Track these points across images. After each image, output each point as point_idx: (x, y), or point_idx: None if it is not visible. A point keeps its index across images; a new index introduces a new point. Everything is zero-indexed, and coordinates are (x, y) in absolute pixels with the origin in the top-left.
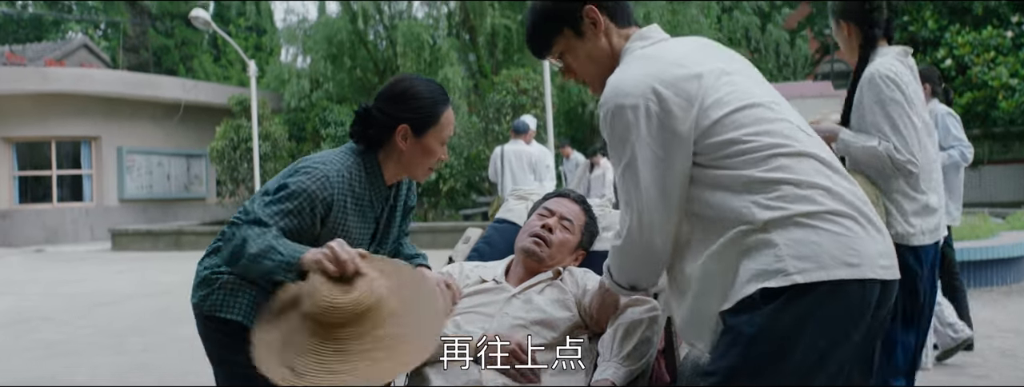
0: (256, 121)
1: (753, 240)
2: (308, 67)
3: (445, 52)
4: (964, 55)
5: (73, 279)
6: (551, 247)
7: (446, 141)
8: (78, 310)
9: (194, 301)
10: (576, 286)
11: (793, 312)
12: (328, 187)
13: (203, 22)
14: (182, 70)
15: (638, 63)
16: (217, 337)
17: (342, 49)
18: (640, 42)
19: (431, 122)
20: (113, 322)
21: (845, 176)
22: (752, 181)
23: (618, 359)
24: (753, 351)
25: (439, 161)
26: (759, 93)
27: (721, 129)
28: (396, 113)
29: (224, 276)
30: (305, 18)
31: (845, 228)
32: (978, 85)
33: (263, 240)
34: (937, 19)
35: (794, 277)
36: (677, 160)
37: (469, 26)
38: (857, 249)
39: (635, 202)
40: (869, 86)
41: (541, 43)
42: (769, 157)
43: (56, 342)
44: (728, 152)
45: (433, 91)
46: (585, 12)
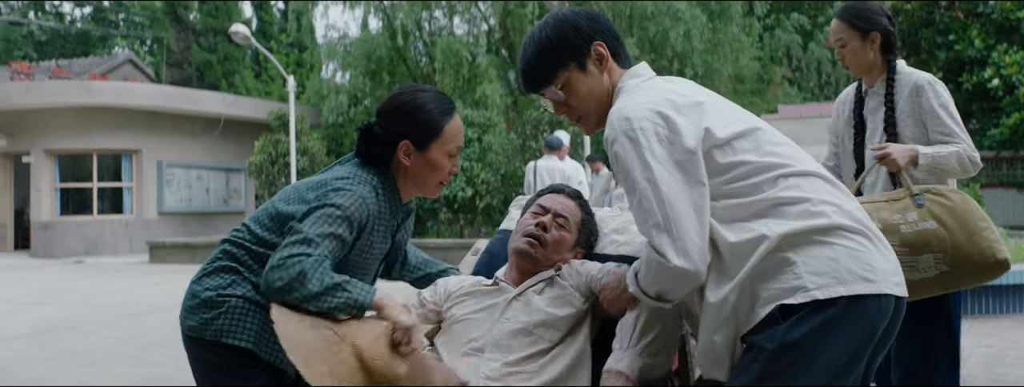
0: (294, 136)
1: (770, 261)
2: (347, 83)
3: (484, 69)
4: (1011, 74)
5: (108, 290)
6: (546, 247)
7: (455, 153)
8: (107, 320)
9: (191, 324)
10: (578, 276)
11: (811, 326)
12: (364, 209)
13: (243, 37)
14: (224, 85)
15: (638, 93)
16: (220, 364)
17: (381, 65)
18: (634, 80)
19: (433, 135)
20: (140, 334)
21: (850, 195)
22: (766, 203)
23: (636, 349)
24: (772, 367)
25: (451, 174)
26: (758, 120)
27: (727, 152)
28: (395, 128)
29: (233, 300)
30: (346, 34)
31: (858, 244)
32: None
33: (326, 277)
34: (984, 38)
35: (814, 293)
36: (698, 175)
37: (508, 43)
38: (872, 265)
39: (668, 225)
40: (925, 92)
41: (544, 76)
42: (779, 177)
43: (80, 352)
44: (735, 175)
45: (434, 102)
46: (593, 47)
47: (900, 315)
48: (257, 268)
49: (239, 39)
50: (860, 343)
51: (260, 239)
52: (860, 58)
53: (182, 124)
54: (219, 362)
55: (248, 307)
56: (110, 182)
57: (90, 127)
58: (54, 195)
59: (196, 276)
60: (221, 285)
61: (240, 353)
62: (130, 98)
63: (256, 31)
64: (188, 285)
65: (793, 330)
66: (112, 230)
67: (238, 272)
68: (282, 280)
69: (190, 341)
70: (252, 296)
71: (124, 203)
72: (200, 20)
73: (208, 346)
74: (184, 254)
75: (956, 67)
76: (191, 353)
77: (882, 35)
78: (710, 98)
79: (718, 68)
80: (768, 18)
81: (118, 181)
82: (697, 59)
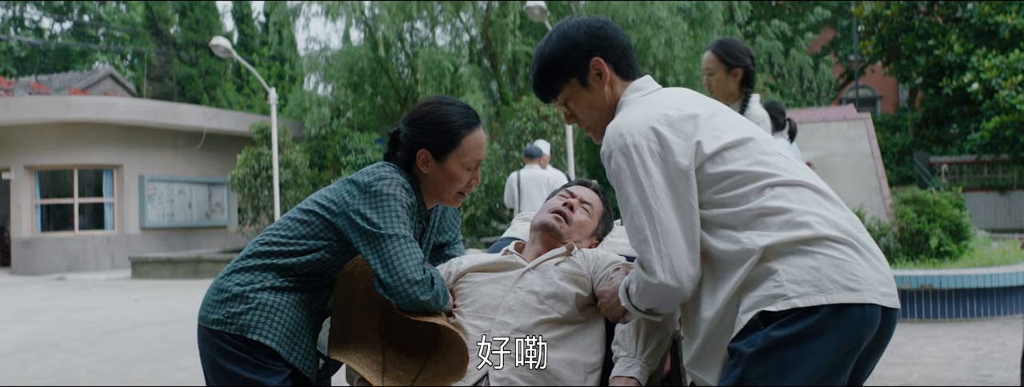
0: (276, 149)
1: (754, 271)
2: (330, 95)
3: (466, 80)
4: (991, 79)
5: (89, 307)
6: (570, 224)
7: (475, 166)
8: (89, 338)
9: (216, 317)
10: (589, 265)
11: (790, 333)
12: (409, 198)
13: (224, 50)
14: (206, 99)
15: (635, 109)
16: (240, 358)
17: (363, 77)
18: (635, 93)
19: (451, 147)
20: (123, 350)
21: (841, 206)
22: (751, 213)
23: (642, 357)
24: (753, 371)
25: (472, 185)
26: (751, 130)
27: (718, 162)
28: (416, 137)
29: (263, 295)
30: (327, 46)
31: (844, 253)
32: (1006, 109)
33: (443, 286)
34: (963, 43)
35: (794, 301)
36: (688, 195)
37: (490, 53)
38: (856, 274)
39: (657, 242)
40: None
41: (547, 90)
42: (765, 187)
43: (62, 370)
44: (724, 185)
45: (457, 114)
46: (592, 63)
47: (891, 326)
48: (292, 265)
49: (220, 52)
50: (842, 353)
51: (298, 234)
52: (723, 87)
53: (164, 138)
54: (240, 356)
55: (277, 305)
56: (91, 198)
57: (71, 142)
58: (35, 211)
59: (225, 272)
60: (252, 281)
61: (264, 350)
62: (111, 113)
63: (237, 44)
64: (213, 282)
65: (772, 336)
66: (94, 246)
67: (270, 269)
68: (422, 298)
69: (211, 334)
70: (282, 294)
71: (106, 219)
72: (181, 34)
73: (230, 339)
74: (166, 269)
75: (936, 71)
76: (210, 346)
77: (743, 71)
78: (707, 109)
79: (700, 75)
80: (749, 25)
81: (99, 196)
82: (679, 67)
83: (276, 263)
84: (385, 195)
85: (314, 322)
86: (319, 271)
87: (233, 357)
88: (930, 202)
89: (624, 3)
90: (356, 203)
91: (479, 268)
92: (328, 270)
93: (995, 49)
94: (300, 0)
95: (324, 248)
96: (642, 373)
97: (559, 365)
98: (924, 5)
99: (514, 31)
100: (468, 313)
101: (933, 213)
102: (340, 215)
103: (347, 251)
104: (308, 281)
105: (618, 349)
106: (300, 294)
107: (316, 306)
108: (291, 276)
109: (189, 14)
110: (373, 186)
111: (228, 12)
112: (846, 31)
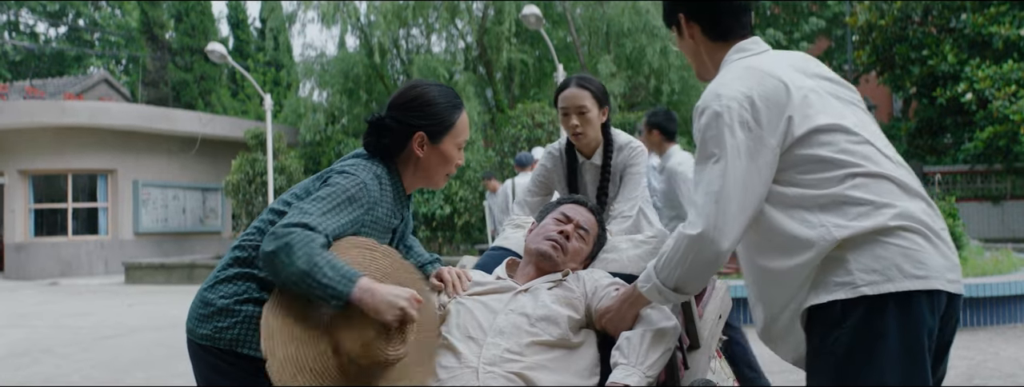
0: (271, 155)
1: (827, 257)
2: (325, 101)
3: (462, 86)
4: (985, 89)
5: (82, 312)
6: (566, 254)
7: (463, 146)
8: (82, 343)
9: (204, 332)
10: (583, 287)
11: (864, 322)
12: (365, 194)
13: (219, 56)
14: (200, 104)
15: (734, 73)
16: (231, 372)
17: (359, 83)
18: (738, 54)
19: (447, 128)
20: (116, 356)
21: (919, 196)
22: (829, 199)
23: (643, 367)
24: (833, 359)
25: (457, 165)
26: (846, 114)
27: (805, 144)
28: (411, 120)
29: (248, 307)
30: (323, 53)
31: (913, 242)
32: (999, 119)
33: (315, 255)
34: (957, 53)
35: (863, 289)
36: (764, 166)
37: (486, 61)
38: (924, 262)
39: (714, 203)
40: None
41: (667, 23)
42: (847, 176)
43: (54, 375)
44: (808, 167)
45: (447, 96)
46: (679, 17)
47: (956, 311)
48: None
49: (215, 58)
50: (912, 338)
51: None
52: (594, 126)
53: (158, 143)
54: (231, 371)
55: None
56: (85, 203)
57: (65, 147)
58: (28, 216)
59: (208, 283)
60: (237, 292)
61: (255, 363)
62: (105, 118)
63: (233, 50)
64: (198, 292)
65: (846, 325)
66: (87, 251)
67: (252, 278)
68: (271, 246)
69: (201, 349)
70: (268, 299)
71: (99, 224)
72: (176, 39)
73: (220, 355)
74: (159, 274)
75: (930, 82)
76: (201, 361)
77: (609, 110)
78: (807, 83)
79: (695, 84)
80: None
81: (93, 201)
82: (674, 75)
83: (257, 274)
84: (335, 184)
85: None
86: None
87: (226, 373)
88: None
89: (620, 11)
90: (314, 182)
91: (471, 294)
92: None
93: (989, 59)
94: (297, 0)
95: None
96: (639, 382)
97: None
98: (918, 15)
99: (509, 38)
100: (459, 334)
101: None
102: (301, 193)
103: (355, 232)
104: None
105: (618, 355)
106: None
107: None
108: (272, 286)
109: (185, 19)
110: (334, 175)
111: (224, 18)
112: (841, 41)
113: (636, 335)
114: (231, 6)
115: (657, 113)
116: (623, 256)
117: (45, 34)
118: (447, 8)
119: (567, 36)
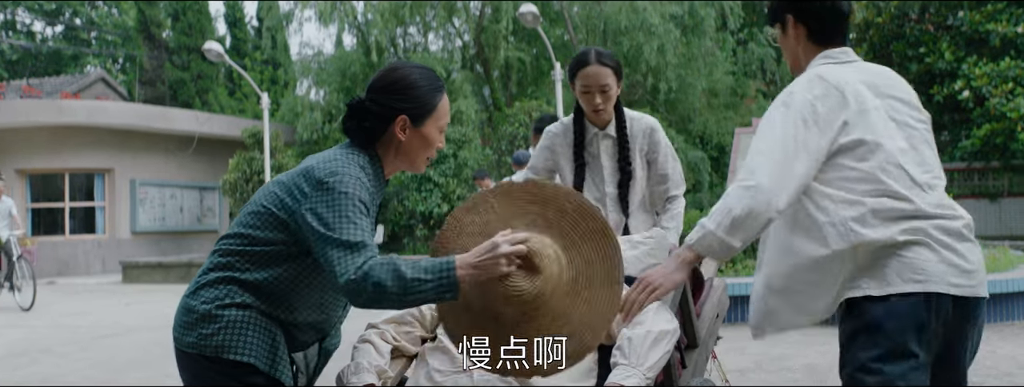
0: (268, 153)
1: (841, 260)
2: (322, 100)
3: (459, 85)
4: (982, 86)
5: (80, 311)
6: None
7: (444, 129)
8: (80, 343)
9: (190, 340)
10: None
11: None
12: (363, 188)
13: (216, 55)
14: (198, 103)
15: (808, 77)
16: (220, 380)
17: (356, 82)
18: (824, 60)
19: (429, 110)
20: (114, 355)
21: (940, 216)
22: (856, 206)
23: (644, 368)
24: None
25: (439, 149)
26: (896, 136)
27: (849, 154)
28: (393, 104)
29: (231, 312)
30: (320, 51)
31: (916, 253)
32: (996, 117)
33: (398, 276)
34: (954, 50)
35: (868, 291)
36: (817, 153)
37: (483, 59)
38: (924, 269)
39: (778, 158)
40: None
41: (772, 19)
42: (879, 194)
43: (52, 375)
44: (846, 174)
45: (428, 78)
46: (787, 17)
47: (969, 314)
48: (254, 270)
49: (212, 56)
50: (909, 333)
51: (253, 239)
52: (614, 101)
53: (155, 142)
54: (219, 378)
55: (247, 319)
56: (82, 202)
57: (61, 146)
58: (26, 215)
59: (190, 289)
60: (218, 297)
61: (243, 368)
62: (102, 117)
63: (230, 48)
64: (181, 299)
65: (850, 318)
66: (84, 250)
67: (233, 281)
68: (365, 296)
69: (187, 357)
70: (250, 302)
71: (97, 223)
72: (173, 38)
73: (207, 363)
74: (157, 274)
75: (927, 79)
76: (188, 370)
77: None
78: (865, 101)
79: (692, 82)
80: (742, 32)
81: (90, 200)
82: (671, 73)
83: (237, 277)
84: (339, 193)
85: (286, 331)
86: (281, 282)
87: (214, 380)
88: None
89: (617, 10)
90: (310, 201)
91: None
92: (291, 281)
93: (986, 57)
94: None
95: (281, 254)
96: (640, 383)
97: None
98: (915, 13)
99: (506, 37)
100: (446, 371)
101: None
102: (295, 213)
103: (301, 252)
104: (272, 291)
105: (619, 355)
106: (267, 304)
107: (285, 314)
108: (255, 289)
109: (181, 18)
110: (327, 183)
111: (221, 16)
112: None
113: (638, 336)
114: (228, 5)
115: (544, 118)
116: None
117: (42, 33)
118: (444, 7)
119: (564, 34)
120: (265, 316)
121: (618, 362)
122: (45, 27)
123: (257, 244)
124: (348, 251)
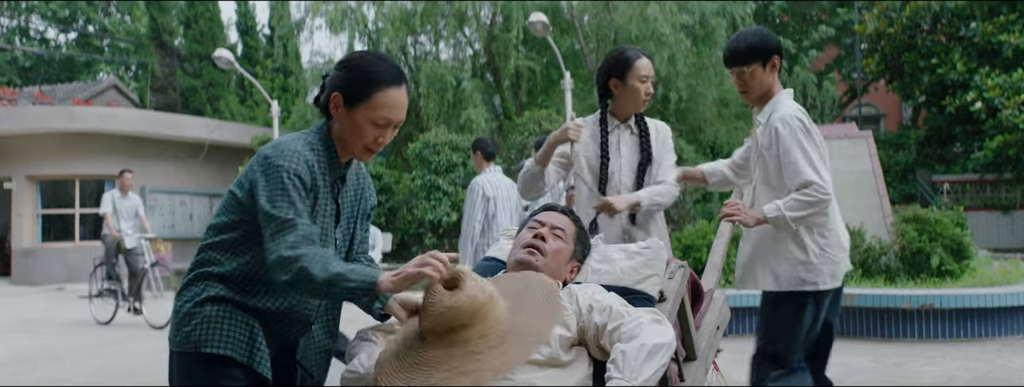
0: None
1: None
2: None
3: (469, 94)
4: (994, 98)
5: (88, 318)
6: (545, 255)
7: (384, 125)
8: (87, 349)
9: (178, 339)
10: (577, 303)
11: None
12: (300, 160)
13: (226, 62)
14: (209, 110)
15: (789, 103)
16: (202, 375)
17: None
18: (785, 93)
19: (361, 97)
20: (120, 361)
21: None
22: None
23: (639, 382)
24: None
25: (380, 144)
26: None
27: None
28: (334, 81)
29: (207, 307)
30: (331, 59)
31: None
32: (1009, 128)
33: (328, 266)
34: (966, 62)
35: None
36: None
37: (493, 68)
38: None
39: (814, 162)
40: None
41: (744, 59)
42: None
43: (58, 381)
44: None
45: (379, 69)
46: (774, 58)
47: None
48: (225, 262)
49: (223, 64)
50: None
51: (222, 226)
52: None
53: (166, 149)
54: (201, 374)
55: (221, 312)
56: (92, 208)
57: (72, 153)
58: (36, 221)
59: (177, 292)
60: (196, 294)
61: (220, 360)
62: (113, 123)
63: (241, 56)
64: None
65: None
66: (94, 256)
67: (209, 276)
68: (288, 277)
69: (175, 357)
70: (225, 294)
71: None
72: (185, 45)
73: (189, 359)
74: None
75: (939, 90)
76: (174, 369)
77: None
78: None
79: (702, 92)
80: None
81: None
82: (681, 83)
83: (212, 271)
84: (275, 166)
85: (265, 323)
86: (250, 269)
87: (196, 377)
88: (932, 221)
89: (628, 20)
90: (254, 173)
91: None
92: (259, 266)
93: (998, 68)
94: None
95: (247, 239)
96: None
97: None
98: (927, 24)
99: (517, 46)
100: None
101: (934, 232)
102: (246, 189)
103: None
104: (243, 279)
105: (613, 369)
106: (242, 295)
107: (261, 302)
108: (228, 281)
109: (193, 26)
110: (269, 157)
111: (233, 24)
112: (850, 49)
113: (632, 349)
114: (240, 13)
115: (482, 140)
116: (616, 267)
117: (55, 40)
118: (455, 15)
119: (575, 43)
120: (241, 308)
121: (612, 376)
122: (58, 34)
123: (225, 231)
124: (279, 227)
